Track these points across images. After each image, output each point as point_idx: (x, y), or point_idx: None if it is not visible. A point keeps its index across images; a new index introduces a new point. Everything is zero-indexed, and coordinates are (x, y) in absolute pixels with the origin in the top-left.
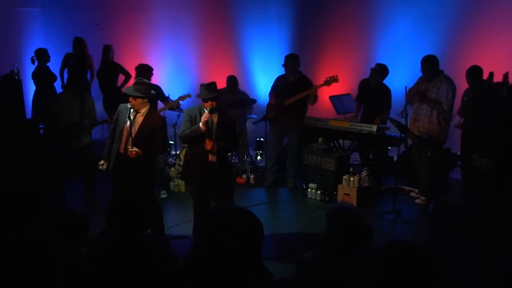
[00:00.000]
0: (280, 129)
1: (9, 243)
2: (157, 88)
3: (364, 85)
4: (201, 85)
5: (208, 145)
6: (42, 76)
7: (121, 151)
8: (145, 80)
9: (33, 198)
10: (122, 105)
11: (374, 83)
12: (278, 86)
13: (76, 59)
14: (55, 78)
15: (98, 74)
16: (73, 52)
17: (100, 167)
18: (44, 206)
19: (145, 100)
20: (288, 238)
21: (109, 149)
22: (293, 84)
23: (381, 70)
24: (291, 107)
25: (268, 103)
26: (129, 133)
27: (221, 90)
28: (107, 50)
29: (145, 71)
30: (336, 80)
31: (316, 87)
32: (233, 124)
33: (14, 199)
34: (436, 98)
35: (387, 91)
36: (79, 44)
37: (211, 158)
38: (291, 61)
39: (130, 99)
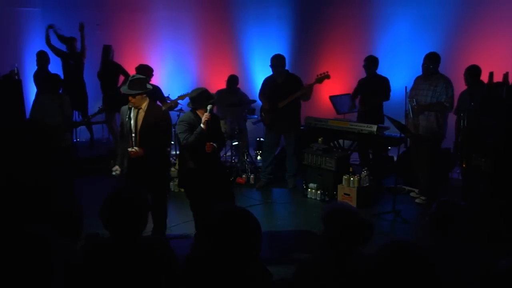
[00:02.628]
0: (277, 132)
1: (8, 241)
2: (156, 89)
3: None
4: (195, 92)
5: (209, 147)
6: (42, 78)
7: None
8: (138, 76)
9: (34, 198)
10: (122, 108)
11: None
12: (267, 89)
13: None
14: None
15: (99, 74)
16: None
17: (114, 173)
18: (46, 206)
19: (144, 95)
20: (288, 238)
21: (122, 155)
22: (283, 86)
23: (369, 61)
24: (286, 109)
25: (262, 108)
26: (134, 132)
27: (221, 90)
28: (108, 51)
29: (145, 71)
30: (328, 76)
31: (309, 86)
32: (219, 123)
33: (14, 199)
34: (433, 99)
35: (381, 81)
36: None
37: (212, 159)
38: (279, 62)
39: (130, 98)
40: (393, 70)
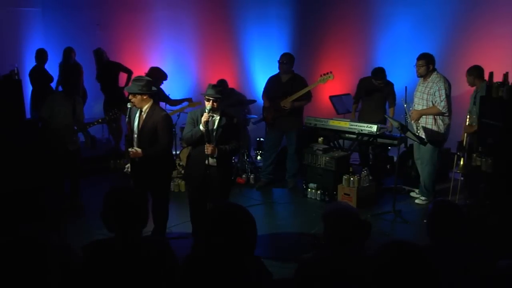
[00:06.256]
0: (279, 130)
1: (3, 244)
2: (158, 89)
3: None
4: (209, 84)
5: (208, 149)
6: (39, 77)
7: None
8: (144, 77)
9: (33, 199)
10: (133, 108)
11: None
12: (272, 87)
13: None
14: (51, 79)
15: (98, 77)
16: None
17: (125, 170)
18: (45, 206)
19: (145, 96)
20: (288, 238)
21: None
22: (287, 84)
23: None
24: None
25: (264, 106)
26: (136, 132)
27: None
28: (100, 54)
29: (155, 75)
30: (331, 76)
31: (312, 86)
32: (235, 127)
33: (14, 200)
34: (429, 102)
35: (391, 86)
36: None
37: (211, 162)
38: (288, 59)
39: (130, 96)
40: (393, 70)
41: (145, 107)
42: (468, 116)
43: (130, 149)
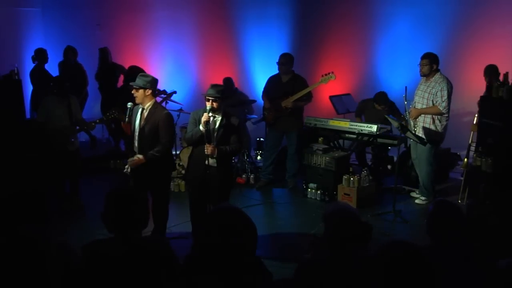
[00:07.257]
0: (279, 130)
1: (3, 244)
2: None
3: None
4: (210, 84)
5: (208, 149)
6: (39, 76)
7: (135, 151)
8: (149, 75)
9: (33, 199)
10: (135, 107)
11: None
12: (272, 87)
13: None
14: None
15: (97, 76)
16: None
17: (125, 170)
18: (45, 207)
19: (148, 93)
20: (288, 238)
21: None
22: (287, 84)
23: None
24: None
25: (264, 106)
26: (137, 131)
27: None
28: (106, 53)
29: (135, 73)
30: (333, 77)
31: (314, 86)
32: (236, 128)
33: (14, 200)
34: (429, 102)
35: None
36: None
37: (211, 162)
38: (286, 60)
39: (133, 90)
40: (393, 70)
41: (147, 105)
42: (476, 115)
43: (130, 159)
